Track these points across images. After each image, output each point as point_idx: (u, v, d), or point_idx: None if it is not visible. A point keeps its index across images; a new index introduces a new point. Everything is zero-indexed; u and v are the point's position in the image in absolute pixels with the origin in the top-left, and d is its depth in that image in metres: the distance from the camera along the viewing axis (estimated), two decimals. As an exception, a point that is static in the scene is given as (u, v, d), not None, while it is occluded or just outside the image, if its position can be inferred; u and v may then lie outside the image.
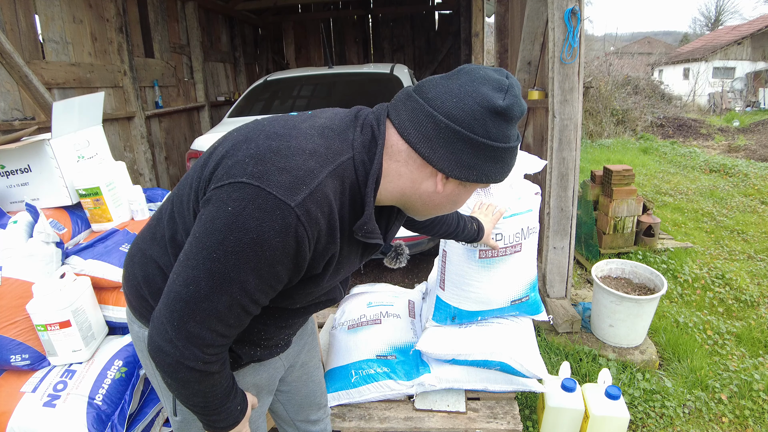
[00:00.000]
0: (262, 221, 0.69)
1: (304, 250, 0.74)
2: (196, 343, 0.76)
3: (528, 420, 2.02)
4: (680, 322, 2.68)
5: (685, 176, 6.48)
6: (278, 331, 1.01)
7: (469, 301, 1.89)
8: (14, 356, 1.71)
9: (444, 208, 0.88)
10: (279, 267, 0.74)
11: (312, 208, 0.72)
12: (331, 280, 0.90)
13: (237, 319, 0.78)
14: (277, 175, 0.71)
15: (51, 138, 2.02)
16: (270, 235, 0.70)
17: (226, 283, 0.72)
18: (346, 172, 0.78)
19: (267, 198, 0.69)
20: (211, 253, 0.71)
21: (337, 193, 0.77)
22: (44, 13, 3.19)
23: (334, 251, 0.81)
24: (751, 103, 15.49)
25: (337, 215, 0.77)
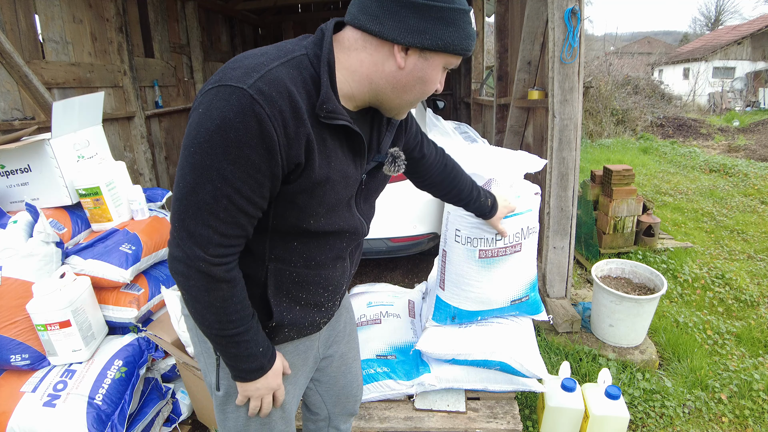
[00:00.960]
0: (222, 108, 0.76)
1: (269, 129, 0.77)
2: (197, 242, 0.82)
3: (528, 420, 2.02)
4: (680, 321, 2.68)
5: (685, 176, 6.48)
6: (312, 282, 1.02)
7: (469, 301, 1.89)
8: (14, 356, 1.71)
9: (414, 89, 0.90)
10: (248, 150, 0.77)
11: (264, 87, 0.77)
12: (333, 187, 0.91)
13: (228, 213, 0.81)
14: (231, 72, 0.79)
15: (51, 138, 2.02)
16: (230, 117, 0.76)
17: (206, 171, 0.78)
18: (302, 64, 0.84)
19: (225, 89, 0.77)
20: (189, 149, 0.78)
21: (294, 79, 0.81)
22: (44, 12, 3.19)
23: (308, 134, 0.83)
24: (751, 102, 15.49)
25: (298, 98, 0.81)
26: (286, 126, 0.79)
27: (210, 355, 1.06)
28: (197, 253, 0.83)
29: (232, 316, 0.90)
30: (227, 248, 0.85)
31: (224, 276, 0.86)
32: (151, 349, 1.89)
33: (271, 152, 0.79)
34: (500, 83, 4.03)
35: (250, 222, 0.86)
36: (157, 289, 2.04)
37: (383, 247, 2.87)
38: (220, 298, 0.87)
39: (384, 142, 1.03)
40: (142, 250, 2.03)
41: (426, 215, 2.90)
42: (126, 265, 1.92)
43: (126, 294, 1.96)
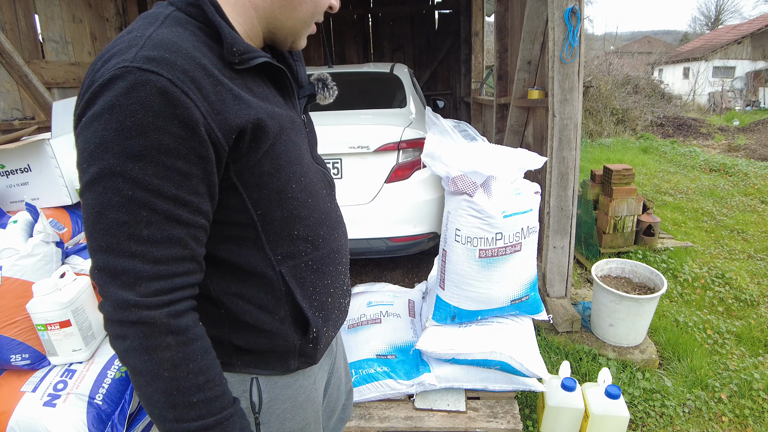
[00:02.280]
0: (107, 99, 0.58)
1: (178, 98, 0.59)
2: (123, 282, 0.59)
3: (528, 419, 2.02)
4: (680, 321, 2.68)
5: (685, 175, 6.48)
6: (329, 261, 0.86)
7: (469, 301, 1.89)
8: (14, 356, 1.71)
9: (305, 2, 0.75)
10: (155, 134, 0.58)
11: (152, 53, 0.60)
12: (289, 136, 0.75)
13: (154, 228, 0.60)
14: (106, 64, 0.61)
15: (51, 137, 2.02)
16: (120, 103, 0.57)
17: (107, 181, 0.58)
18: (181, 19, 0.67)
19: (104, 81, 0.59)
20: (83, 166, 0.60)
21: (182, 36, 0.64)
22: (44, 12, 3.19)
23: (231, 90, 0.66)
24: (751, 102, 15.49)
25: (198, 54, 0.64)
26: (201, 87, 0.62)
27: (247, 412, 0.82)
28: (126, 298, 0.59)
29: (192, 396, 0.62)
30: (167, 281, 0.61)
31: (170, 324, 0.61)
32: (151, 348, 1.89)
33: (191, 127, 0.60)
34: (500, 83, 4.03)
35: (192, 234, 0.64)
36: (157, 289, 2.04)
37: (383, 247, 2.87)
38: (167, 363, 0.61)
39: (301, 74, 0.90)
40: (142, 249, 2.03)
41: (426, 215, 2.90)
42: (126, 265, 1.92)
43: (126, 294, 1.96)
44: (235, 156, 0.67)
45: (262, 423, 0.85)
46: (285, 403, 0.88)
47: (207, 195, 0.65)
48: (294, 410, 0.90)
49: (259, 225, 0.74)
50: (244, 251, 0.75)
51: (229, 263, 0.75)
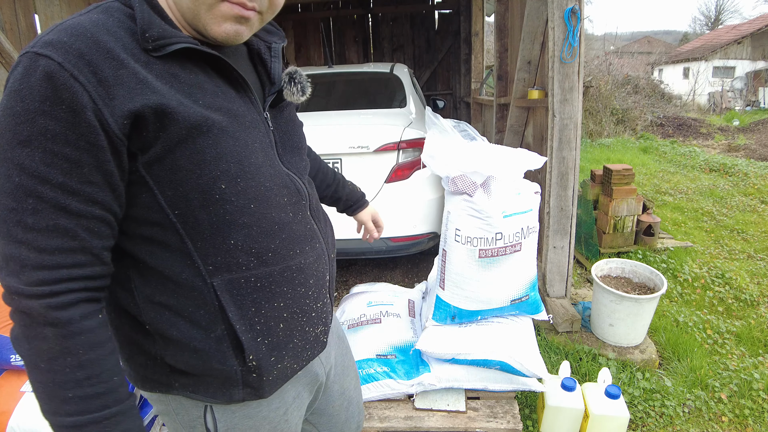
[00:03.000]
0: (9, 83, 0.58)
1: (65, 81, 0.56)
2: (11, 269, 0.59)
3: (528, 419, 2.02)
4: (680, 321, 2.68)
5: (685, 175, 6.48)
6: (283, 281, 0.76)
7: (469, 301, 1.89)
8: (14, 356, 1.71)
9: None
10: (42, 119, 0.56)
11: (53, 38, 0.58)
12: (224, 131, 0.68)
13: (39, 217, 0.58)
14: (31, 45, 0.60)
15: (51, 137, 2.02)
16: (15, 88, 0.57)
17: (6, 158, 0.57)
18: (111, 7, 0.65)
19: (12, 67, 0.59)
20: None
21: (98, 22, 0.61)
22: (44, 12, 3.19)
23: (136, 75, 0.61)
24: (751, 102, 15.49)
25: (107, 38, 0.60)
26: (96, 70, 0.58)
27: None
28: (11, 284, 0.59)
29: (67, 391, 0.59)
30: (51, 272, 0.59)
31: (48, 316, 0.58)
32: (151, 348, 1.89)
33: (77, 111, 0.57)
34: (500, 83, 4.03)
35: (84, 226, 0.60)
36: (157, 289, 2.04)
37: (383, 247, 2.87)
38: (44, 354, 0.59)
39: (274, 71, 0.83)
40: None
41: (426, 215, 2.90)
42: (126, 265, 1.91)
43: (126, 294, 1.96)
44: (140, 145, 0.62)
45: None
46: (249, 431, 0.81)
47: (105, 185, 0.61)
48: None
49: (181, 228, 0.67)
50: (168, 256, 0.69)
51: (153, 269, 0.69)
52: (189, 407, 0.78)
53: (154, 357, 0.74)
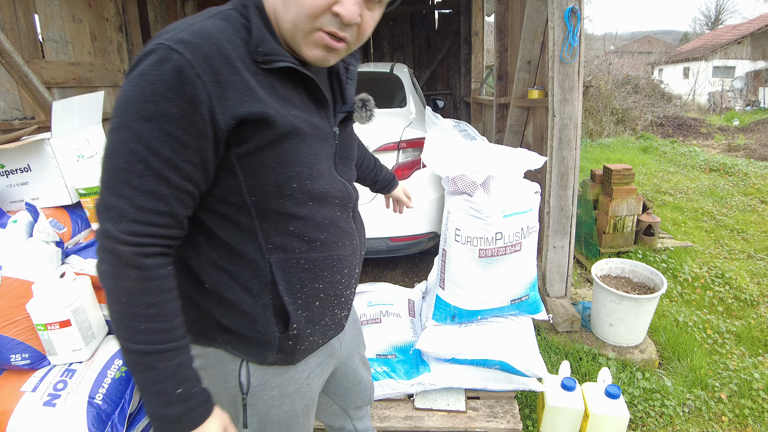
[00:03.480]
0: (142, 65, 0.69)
1: (189, 77, 0.67)
2: (110, 216, 0.69)
3: (528, 419, 2.02)
4: (680, 321, 2.68)
5: (685, 175, 6.48)
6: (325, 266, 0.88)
7: (469, 300, 1.89)
8: (14, 356, 1.71)
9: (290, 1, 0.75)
10: (164, 103, 0.67)
11: (185, 36, 0.69)
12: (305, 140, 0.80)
13: (144, 180, 0.68)
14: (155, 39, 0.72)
15: (51, 137, 2.02)
16: (147, 71, 0.68)
17: (120, 132, 0.68)
18: (231, 16, 0.76)
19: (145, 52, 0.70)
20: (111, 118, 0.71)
21: (222, 29, 0.73)
22: (44, 12, 3.19)
23: (246, 83, 0.72)
24: (750, 102, 15.49)
25: (227, 45, 0.72)
26: (216, 74, 0.69)
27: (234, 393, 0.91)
28: (108, 229, 0.69)
29: (141, 323, 0.71)
30: (144, 226, 0.70)
31: (135, 260, 0.70)
32: (151, 348, 1.89)
33: (195, 104, 0.68)
34: (500, 82, 4.03)
35: (177, 196, 0.72)
36: (157, 289, 2.04)
37: (383, 247, 2.87)
38: (126, 290, 0.70)
39: (348, 91, 0.95)
40: (142, 249, 2.03)
41: (426, 215, 2.90)
42: (126, 265, 1.92)
43: (126, 293, 1.96)
44: (237, 140, 0.74)
45: (249, 405, 0.91)
46: (273, 391, 0.92)
47: (201, 166, 0.73)
48: (282, 399, 0.94)
49: (253, 211, 0.79)
50: (236, 231, 0.81)
51: (221, 239, 0.82)
52: (227, 361, 0.89)
53: (206, 312, 0.86)
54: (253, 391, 0.90)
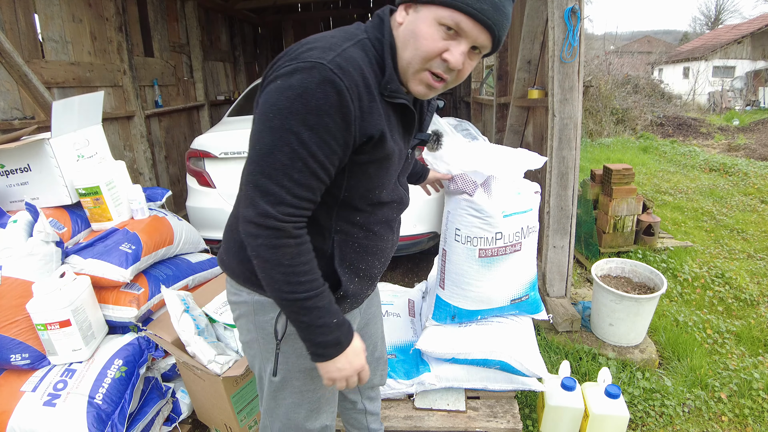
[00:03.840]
0: (304, 79, 0.83)
1: (347, 101, 0.84)
2: (270, 200, 0.87)
3: (528, 419, 2.02)
4: (680, 321, 2.68)
5: (685, 175, 6.48)
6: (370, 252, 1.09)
7: (469, 300, 1.89)
8: (14, 355, 1.71)
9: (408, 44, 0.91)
10: (326, 118, 0.84)
11: (342, 63, 0.85)
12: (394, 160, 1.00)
13: (302, 175, 0.86)
14: (308, 52, 0.86)
15: (51, 137, 2.02)
16: (312, 87, 0.82)
17: (285, 134, 0.84)
18: (366, 47, 0.92)
19: (305, 65, 0.84)
20: (268, 114, 0.85)
21: (363, 59, 0.89)
22: (43, 12, 3.19)
23: (378, 110, 0.91)
24: (751, 102, 15.49)
25: (369, 76, 0.89)
26: (361, 99, 0.87)
27: (268, 341, 1.07)
28: (268, 210, 0.87)
29: (301, 277, 0.92)
30: (296, 209, 0.89)
31: (292, 232, 0.90)
32: (151, 348, 1.89)
33: (347, 122, 0.86)
34: (500, 82, 4.03)
35: (319, 188, 0.91)
36: (157, 289, 2.04)
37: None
38: (288, 255, 0.90)
39: (426, 122, 1.14)
40: (142, 249, 2.03)
41: (426, 214, 2.90)
42: (126, 265, 1.92)
43: (126, 293, 1.96)
44: (358, 151, 0.92)
45: (281, 352, 1.08)
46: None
47: (338, 168, 0.92)
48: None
49: (341, 200, 0.99)
50: (321, 211, 0.99)
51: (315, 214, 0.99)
52: (267, 309, 1.06)
53: None
54: (286, 338, 1.06)
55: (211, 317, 1.92)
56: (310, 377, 1.12)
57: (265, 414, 1.19)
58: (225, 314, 1.93)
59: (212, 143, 2.93)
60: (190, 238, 2.39)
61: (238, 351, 1.84)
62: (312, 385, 1.13)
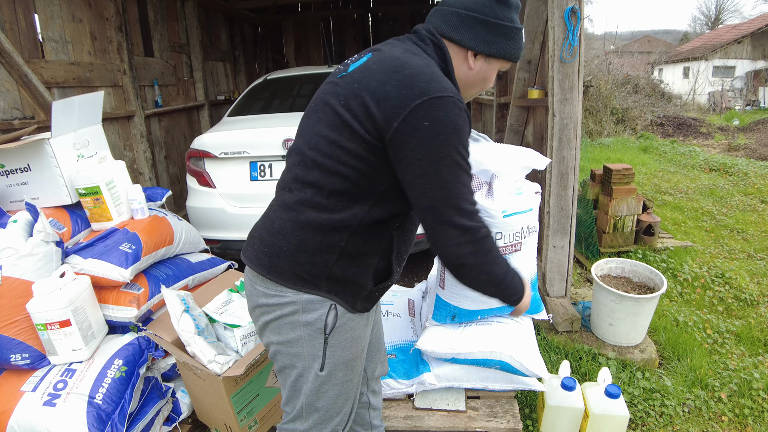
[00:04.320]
0: (451, 114, 0.97)
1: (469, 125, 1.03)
2: (471, 217, 1.02)
3: (528, 419, 2.02)
4: (680, 321, 2.68)
5: (685, 175, 6.48)
6: (407, 243, 1.23)
7: (469, 300, 1.89)
8: (14, 355, 1.71)
9: (477, 85, 1.17)
10: (466, 139, 1.01)
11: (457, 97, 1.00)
12: None
13: (470, 188, 1.03)
14: (428, 84, 0.98)
15: (51, 137, 2.02)
16: (459, 121, 0.98)
17: (457, 163, 0.99)
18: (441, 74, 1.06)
19: (442, 100, 0.96)
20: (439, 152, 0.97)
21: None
22: (44, 12, 3.19)
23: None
24: (750, 102, 15.49)
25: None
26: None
27: (315, 337, 1.12)
28: (473, 224, 1.02)
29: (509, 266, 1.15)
30: (478, 215, 1.05)
31: (489, 233, 1.07)
32: (151, 348, 1.89)
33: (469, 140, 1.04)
34: (500, 82, 4.02)
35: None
36: (157, 289, 2.04)
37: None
38: (495, 248, 1.09)
39: None
40: (142, 249, 2.03)
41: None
42: (126, 265, 1.92)
43: (126, 293, 1.96)
44: None
45: (329, 345, 1.13)
46: (347, 333, 1.15)
47: None
48: (352, 341, 1.17)
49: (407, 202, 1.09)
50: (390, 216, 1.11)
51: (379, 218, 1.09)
52: (317, 306, 1.10)
53: (324, 264, 1.08)
54: (334, 332, 1.12)
55: (211, 317, 1.92)
56: (350, 368, 1.19)
57: (299, 410, 1.21)
58: (225, 314, 1.93)
59: (212, 143, 2.93)
60: (190, 238, 2.39)
61: (239, 351, 1.84)
62: (351, 374, 1.20)
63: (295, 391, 1.20)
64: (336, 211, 1.05)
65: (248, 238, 1.21)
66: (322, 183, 1.05)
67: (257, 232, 1.17)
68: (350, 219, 1.06)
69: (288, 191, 1.11)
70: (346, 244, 1.07)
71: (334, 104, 1.05)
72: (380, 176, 1.05)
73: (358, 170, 1.03)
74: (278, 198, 1.15)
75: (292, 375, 1.18)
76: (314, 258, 1.08)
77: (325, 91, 1.11)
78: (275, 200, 1.17)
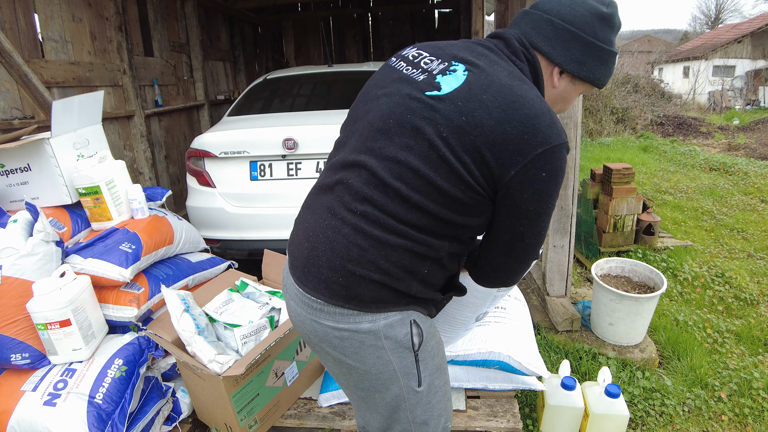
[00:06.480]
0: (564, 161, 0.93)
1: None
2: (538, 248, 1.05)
3: (528, 418, 2.03)
4: (680, 320, 2.68)
5: (685, 175, 6.48)
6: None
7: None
8: (14, 355, 1.71)
9: (556, 105, 1.09)
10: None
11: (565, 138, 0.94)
12: None
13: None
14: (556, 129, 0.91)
15: (50, 137, 2.02)
16: (565, 164, 0.94)
17: (551, 207, 0.98)
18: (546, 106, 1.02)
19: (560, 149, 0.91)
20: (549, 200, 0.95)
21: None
22: (43, 11, 3.19)
23: None
24: (751, 101, 15.49)
25: None
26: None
27: (404, 356, 1.03)
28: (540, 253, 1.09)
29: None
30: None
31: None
32: (152, 347, 1.89)
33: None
34: (500, 82, 4.02)
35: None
36: (157, 288, 2.04)
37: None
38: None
39: None
40: (142, 249, 2.03)
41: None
42: (126, 264, 1.92)
43: (126, 293, 1.96)
44: None
45: (420, 360, 1.06)
46: (433, 340, 1.10)
47: None
48: (438, 346, 1.13)
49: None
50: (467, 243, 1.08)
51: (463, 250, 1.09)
52: (397, 326, 1.02)
53: (406, 288, 1.01)
54: (422, 344, 1.06)
55: (211, 317, 1.92)
56: (443, 370, 1.15)
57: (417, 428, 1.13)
58: (225, 314, 1.93)
59: (212, 143, 2.93)
60: (190, 237, 2.39)
61: (239, 351, 1.84)
62: (446, 376, 1.17)
63: (395, 412, 1.10)
64: (419, 243, 0.97)
65: (306, 266, 1.04)
66: (406, 218, 0.95)
67: (322, 260, 1.00)
68: (435, 252, 1.00)
69: (361, 217, 0.97)
70: (428, 271, 1.03)
71: (430, 136, 0.91)
72: (470, 218, 0.98)
73: (449, 209, 0.94)
74: (345, 220, 0.99)
75: (386, 398, 1.08)
76: (398, 285, 1.00)
77: (412, 110, 0.95)
78: (336, 220, 1.00)
